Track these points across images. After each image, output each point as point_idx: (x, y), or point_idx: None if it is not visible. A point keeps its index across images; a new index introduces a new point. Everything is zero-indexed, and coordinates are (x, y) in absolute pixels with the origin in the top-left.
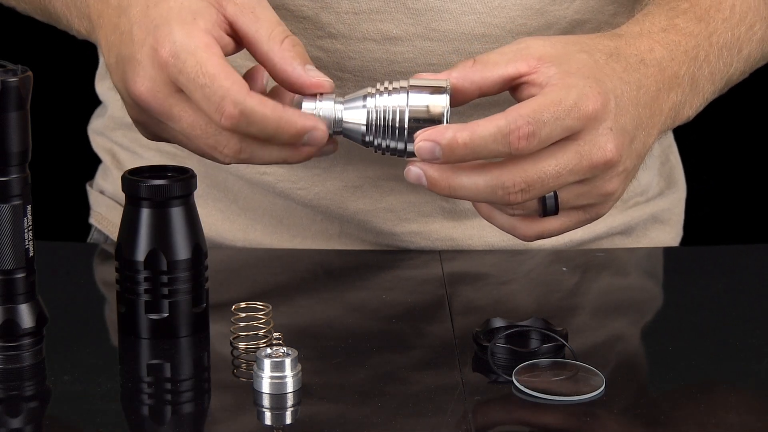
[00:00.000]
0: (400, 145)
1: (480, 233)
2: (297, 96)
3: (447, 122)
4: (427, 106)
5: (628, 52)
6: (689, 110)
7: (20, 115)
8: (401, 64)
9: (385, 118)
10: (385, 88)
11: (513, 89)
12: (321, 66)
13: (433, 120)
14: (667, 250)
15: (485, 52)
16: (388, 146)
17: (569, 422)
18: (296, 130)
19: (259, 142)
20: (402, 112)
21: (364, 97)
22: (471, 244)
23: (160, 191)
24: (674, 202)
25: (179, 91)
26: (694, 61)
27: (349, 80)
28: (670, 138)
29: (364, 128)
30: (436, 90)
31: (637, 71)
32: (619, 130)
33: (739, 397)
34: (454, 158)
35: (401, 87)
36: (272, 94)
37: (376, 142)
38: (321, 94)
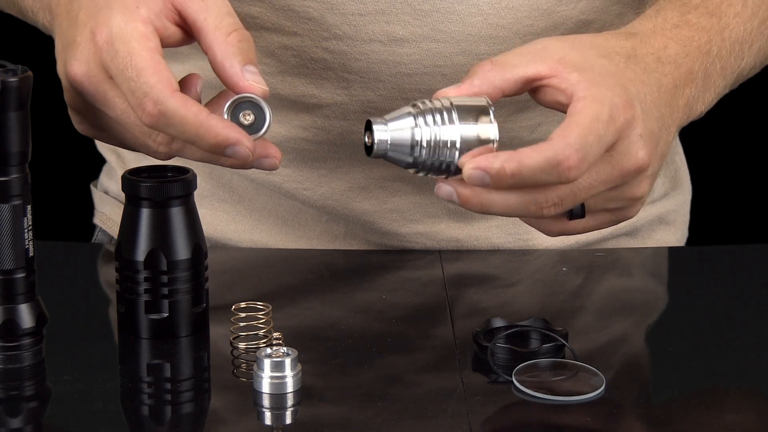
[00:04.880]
0: (432, 164)
1: (485, 234)
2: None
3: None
4: (478, 136)
5: (644, 52)
6: (701, 105)
7: (20, 115)
8: (407, 66)
9: (435, 152)
10: (431, 110)
11: (532, 91)
12: (326, 67)
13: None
14: (672, 251)
15: (492, 53)
16: (430, 173)
17: (569, 422)
18: (216, 141)
19: None
20: (453, 147)
21: (411, 127)
22: (476, 245)
23: (160, 191)
24: (679, 204)
25: (111, 77)
26: (707, 57)
27: (355, 81)
28: (675, 139)
29: (410, 159)
30: (483, 116)
31: (656, 71)
32: (648, 136)
33: (741, 397)
34: (503, 186)
35: (447, 117)
36: (218, 97)
37: (421, 173)
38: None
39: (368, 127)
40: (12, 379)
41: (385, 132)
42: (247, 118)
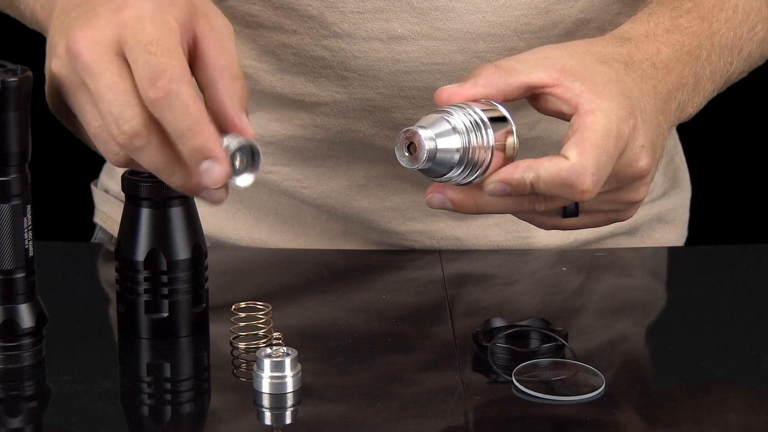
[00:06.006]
0: (464, 179)
1: (484, 232)
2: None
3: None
4: (504, 153)
5: (640, 58)
6: (690, 108)
7: (20, 115)
8: (406, 64)
9: (466, 169)
10: (468, 118)
11: (532, 98)
12: (326, 65)
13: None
14: (672, 250)
15: (490, 51)
16: (452, 178)
17: (569, 422)
18: (203, 143)
19: (161, 138)
20: (487, 153)
21: (456, 148)
22: (476, 244)
23: (160, 191)
24: (679, 203)
25: (118, 53)
26: (697, 61)
27: (354, 79)
28: (675, 138)
29: (451, 170)
30: (509, 133)
31: (652, 78)
32: (649, 146)
33: (741, 397)
34: (522, 194)
35: (484, 135)
36: None
37: (453, 178)
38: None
39: (408, 137)
40: (12, 379)
41: (432, 141)
42: (239, 162)
